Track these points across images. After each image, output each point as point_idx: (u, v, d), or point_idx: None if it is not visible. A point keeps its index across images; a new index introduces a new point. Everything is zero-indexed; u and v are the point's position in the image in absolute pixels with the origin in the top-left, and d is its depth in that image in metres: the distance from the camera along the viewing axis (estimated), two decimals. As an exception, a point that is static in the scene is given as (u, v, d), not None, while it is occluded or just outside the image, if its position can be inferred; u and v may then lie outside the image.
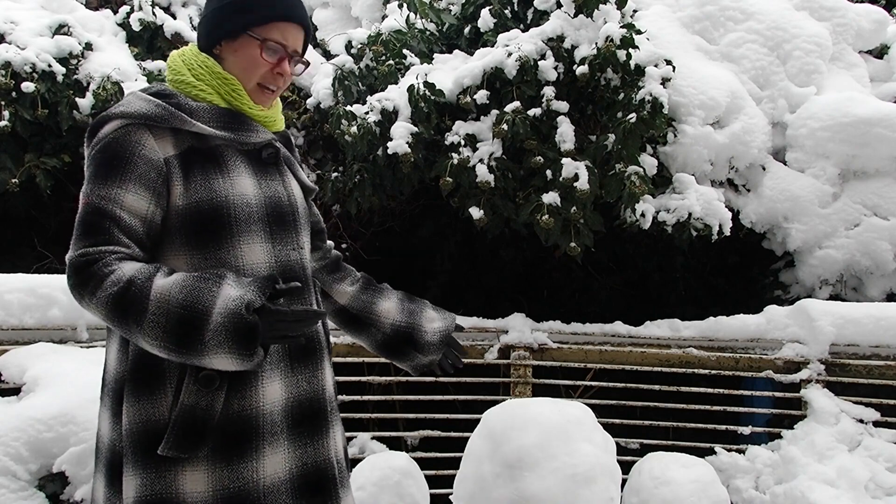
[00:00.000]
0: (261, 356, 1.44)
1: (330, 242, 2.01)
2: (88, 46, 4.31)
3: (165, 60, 4.55)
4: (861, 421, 3.63)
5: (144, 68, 4.47)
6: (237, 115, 1.64)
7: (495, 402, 3.13)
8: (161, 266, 1.48)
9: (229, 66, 1.65)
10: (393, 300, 2.00)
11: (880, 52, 5.18)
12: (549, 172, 3.74)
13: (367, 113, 3.93)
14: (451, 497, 3.01)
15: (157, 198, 1.53)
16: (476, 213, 3.76)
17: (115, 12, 4.81)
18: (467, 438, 3.04)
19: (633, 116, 3.70)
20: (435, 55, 4.40)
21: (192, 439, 1.47)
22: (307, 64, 1.74)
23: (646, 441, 3.69)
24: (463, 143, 3.82)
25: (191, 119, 1.57)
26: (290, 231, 1.66)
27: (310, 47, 2.06)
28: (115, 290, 1.40)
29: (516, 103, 3.79)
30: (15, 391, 2.94)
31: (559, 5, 4.04)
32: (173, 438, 1.46)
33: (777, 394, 3.80)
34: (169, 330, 1.39)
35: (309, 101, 4.44)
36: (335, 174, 4.28)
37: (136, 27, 4.67)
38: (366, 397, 3.74)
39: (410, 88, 3.86)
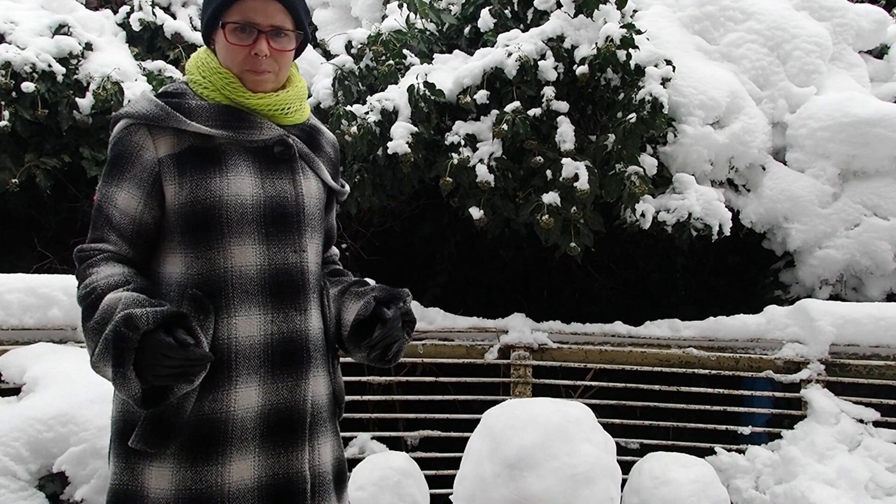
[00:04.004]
0: (137, 388, 1.39)
1: (335, 251, 1.92)
2: (88, 46, 4.31)
3: (165, 60, 4.62)
4: (861, 421, 3.63)
5: (144, 68, 4.46)
6: (238, 111, 1.61)
7: (495, 402, 3.14)
8: (133, 277, 1.52)
9: (221, 59, 1.64)
10: (335, 289, 1.77)
11: (880, 52, 5.18)
12: (549, 172, 3.74)
13: (367, 113, 3.93)
14: (451, 497, 3.01)
15: (147, 197, 1.56)
16: (476, 213, 3.76)
17: (115, 12, 4.80)
18: (467, 438, 3.04)
19: (633, 116, 3.70)
20: (435, 55, 4.40)
21: (159, 435, 1.48)
22: (301, 35, 1.66)
23: (646, 441, 3.69)
24: (463, 143, 3.82)
25: (187, 119, 1.56)
26: (291, 232, 1.60)
27: (309, 46, 2.03)
28: (83, 293, 1.50)
29: (516, 103, 3.79)
30: (15, 391, 2.94)
31: (559, 5, 4.04)
32: (142, 432, 1.48)
33: (777, 394, 3.80)
34: (91, 339, 1.45)
35: (309, 100, 4.44)
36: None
37: (136, 27, 4.67)
38: (366, 397, 3.74)
39: (410, 88, 3.86)
